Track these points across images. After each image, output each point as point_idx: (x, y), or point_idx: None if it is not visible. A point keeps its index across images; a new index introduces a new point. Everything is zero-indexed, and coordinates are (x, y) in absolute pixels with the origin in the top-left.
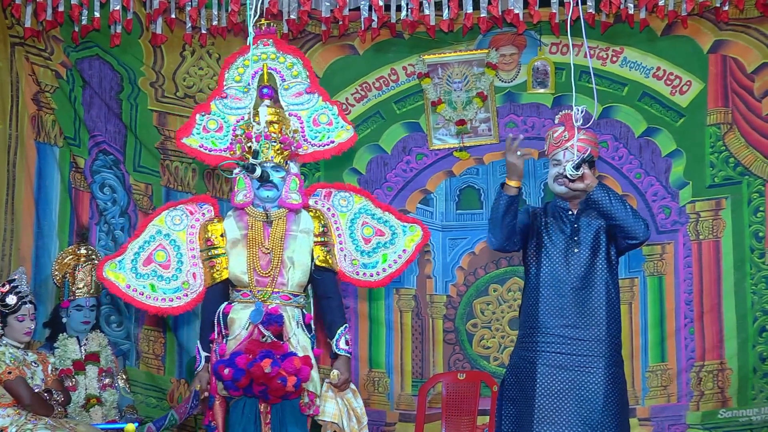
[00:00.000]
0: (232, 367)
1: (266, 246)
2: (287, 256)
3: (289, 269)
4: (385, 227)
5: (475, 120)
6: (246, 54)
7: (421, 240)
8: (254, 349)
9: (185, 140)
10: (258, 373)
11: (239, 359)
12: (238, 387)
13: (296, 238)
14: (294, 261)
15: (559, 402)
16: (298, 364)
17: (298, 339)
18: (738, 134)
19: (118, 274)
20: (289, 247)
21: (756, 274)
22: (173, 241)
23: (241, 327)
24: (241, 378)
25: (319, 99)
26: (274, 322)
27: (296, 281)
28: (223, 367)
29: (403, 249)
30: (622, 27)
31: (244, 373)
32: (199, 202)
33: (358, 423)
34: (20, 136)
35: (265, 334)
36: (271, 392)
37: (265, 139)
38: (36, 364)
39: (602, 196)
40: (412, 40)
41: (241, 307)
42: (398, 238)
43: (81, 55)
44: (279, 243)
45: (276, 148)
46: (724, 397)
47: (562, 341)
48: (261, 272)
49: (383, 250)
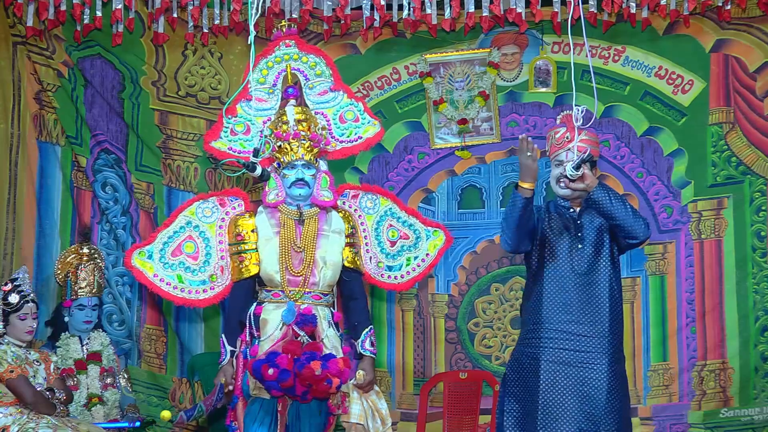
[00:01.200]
0: (275, 367)
1: (298, 245)
2: (319, 255)
3: (321, 269)
4: (409, 231)
5: (477, 119)
6: (268, 55)
7: (443, 245)
8: (295, 349)
9: (213, 144)
10: (307, 375)
11: (281, 359)
12: (282, 387)
13: (328, 237)
14: (326, 260)
15: (562, 397)
16: (342, 366)
17: (330, 339)
18: (740, 133)
19: (146, 263)
20: (321, 246)
21: (758, 273)
22: (202, 233)
23: (274, 327)
24: (288, 378)
25: (344, 96)
26: (309, 322)
27: (327, 281)
28: (267, 366)
29: (426, 253)
30: (624, 26)
31: (290, 374)
32: (230, 196)
33: (383, 424)
34: (22, 136)
35: (300, 335)
36: (314, 393)
37: (294, 138)
38: (38, 363)
39: (602, 196)
40: (414, 40)
41: (272, 307)
42: (422, 242)
43: (83, 54)
44: (312, 242)
45: (306, 145)
46: (725, 397)
47: (565, 337)
48: (293, 271)
49: (407, 253)
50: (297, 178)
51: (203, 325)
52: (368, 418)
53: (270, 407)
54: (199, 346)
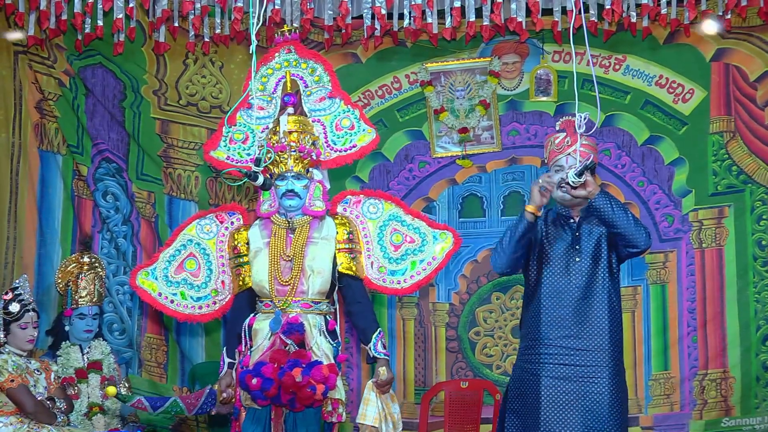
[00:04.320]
0: (259, 376)
1: (287, 254)
2: (307, 263)
3: (309, 277)
4: (415, 234)
5: (478, 128)
6: (268, 62)
7: (452, 247)
8: (280, 358)
9: (213, 153)
10: (289, 382)
11: (265, 369)
12: (266, 396)
13: (317, 244)
14: (314, 268)
15: (564, 413)
16: (326, 372)
17: (321, 346)
18: (741, 142)
19: (150, 282)
20: (309, 254)
21: (759, 282)
22: (203, 250)
23: (263, 337)
24: (270, 387)
25: (341, 103)
26: (295, 330)
27: (317, 289)
28: (251, 377)
29: (433, 256)
30: (625, 35)
31: (273, 383)
32: (229, 211)
33: (394, 428)
34: (23, 144)
35: (288, 343)
36: (300, 400)
37: (282, 150)
38: (39, 372)
39: (604, 204)
40: (415, 49)
41: (263, 317)
42: (428, 245)
43: (84, 63)
44: (300, 250)
45: (295, 157)
46: (727, 406)
47: (565, 352)
48: (282, 280)
49: (412, 257)
50: (287, 189)
51: (204, 334)
52: (382, 422)
53: (262, 416)
54: (200, 355)
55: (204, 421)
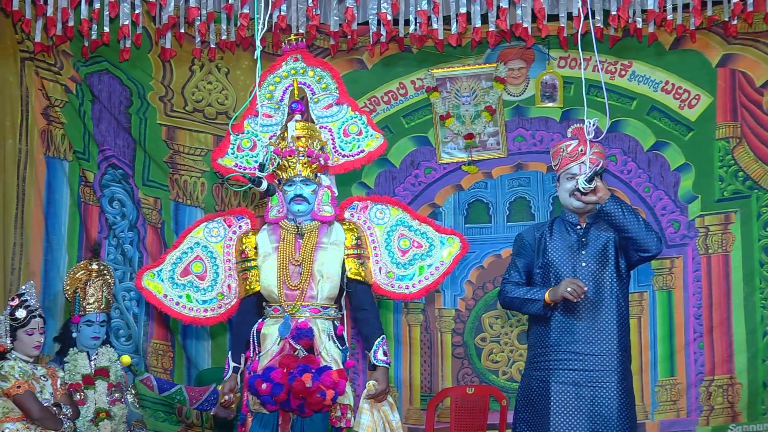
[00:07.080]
0: (269, 381)
1: (296, 258)
2: (316, 268)
3: (319, 282)
4: (422, 239)
5: (484, 134)
6: (276, 70)
7: (459, 252)
8: (289, 363)
9: (220, 161)
10: (299, 388)
11: (275, 374)
12: (276, 401)
13: (326, 249)
14: (323, 273)
15: (573, 418)
16: (336, 378)
17: (329, 352)
18: (747, 148)
19: (156, 284)
20: (318, 259)
21: (765, 288)
22: (210, 253)
23: (272, 342)
24: (280, 392)
25: (349, 109)
26: (304, 336)
27: (326, 294)
28: (260, 381)
29: (441, 261)
30: (631, 41)
31: (283, 388)
32: (237, 215)
33: None
34: (30, 151)
35: (297, 348)
36: (309, 405)
37: (291, 155)
38: (45, 378)
39: (615, 209)
40: (421, 55)
41: (272, 322)
42: (435, 249)
43: (90, 69)
44: (309, 255)
45: (303, 161)
46: (733, 412)
47: (574, 358)
48: (291, 285)
49: (420, 262)
50: (295, 194)
51: (210, 340)
52: (378, 430)
53: (270, 421)
54: (206, 361)
55: (210, 426)
